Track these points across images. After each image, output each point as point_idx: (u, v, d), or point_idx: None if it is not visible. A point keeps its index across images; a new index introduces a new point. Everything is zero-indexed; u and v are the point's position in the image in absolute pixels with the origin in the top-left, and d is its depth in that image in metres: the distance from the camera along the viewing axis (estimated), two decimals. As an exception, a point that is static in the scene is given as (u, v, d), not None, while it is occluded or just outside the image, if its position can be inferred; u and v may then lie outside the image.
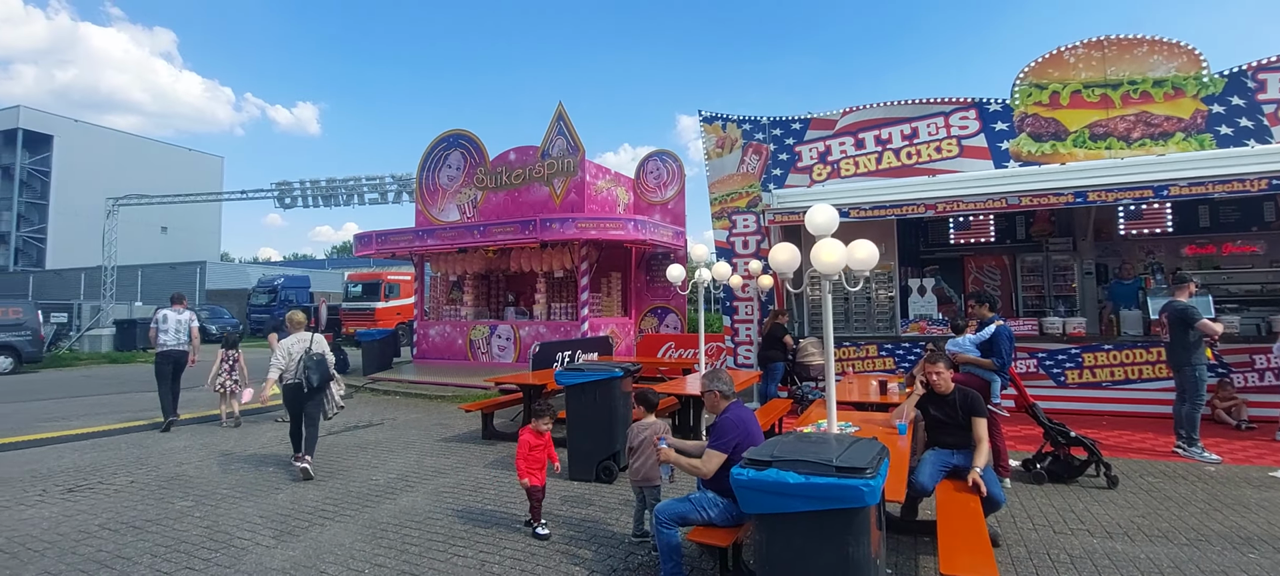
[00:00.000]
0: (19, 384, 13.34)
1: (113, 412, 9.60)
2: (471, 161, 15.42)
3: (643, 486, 4.34)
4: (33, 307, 16.28)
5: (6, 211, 40.49)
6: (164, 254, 37.02)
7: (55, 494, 5.58)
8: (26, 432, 8.02)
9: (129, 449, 7.29)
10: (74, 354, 18.62)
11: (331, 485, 5.85)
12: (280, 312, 24.63)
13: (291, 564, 4.09)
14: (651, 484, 4.30)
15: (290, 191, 25.65)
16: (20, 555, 4.23)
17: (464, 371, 12.97)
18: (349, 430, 8.38)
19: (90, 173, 39.39)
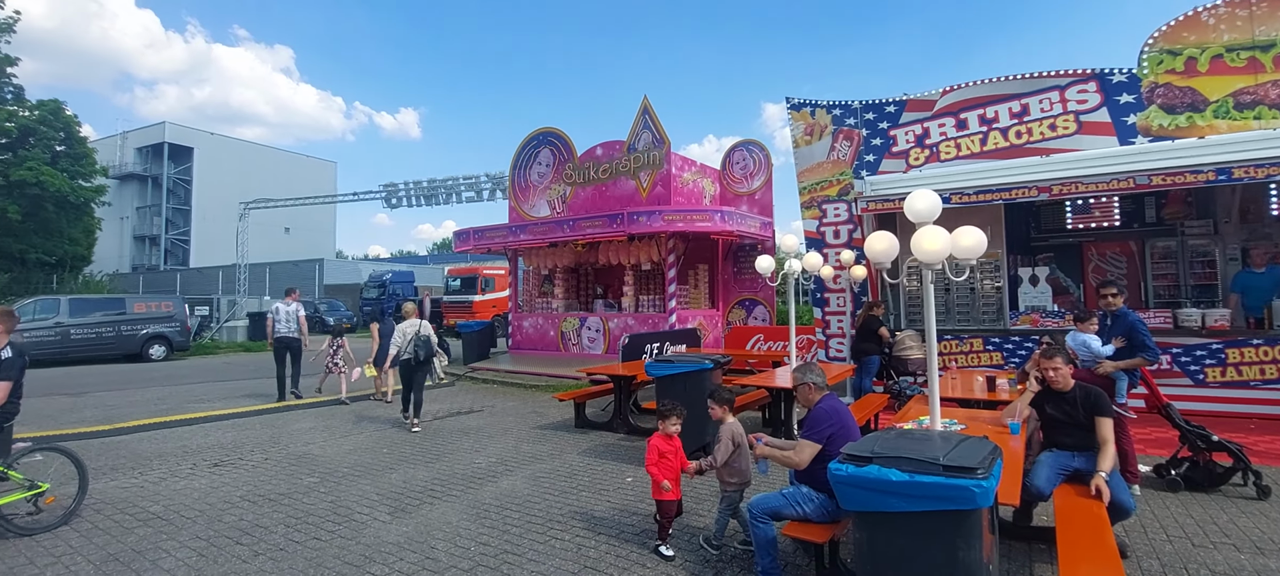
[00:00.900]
0: (171, 369, 15.06)
1: (248, 396, 10.66)
2: (560, 158, 15.82)
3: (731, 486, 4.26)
4: (180, 302, 18.33)
5: (156, 217, 45.66)
6: (287, 252, 40.48)
7: (203, 468, 6.26)
8: (178, 413, 9.04)
9: (263, 429, 8.07)
10: (215, 343, 20.79)
11: (438, 467, 6.23)
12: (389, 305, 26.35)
13: (405, 539, 4.40)
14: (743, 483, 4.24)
15: (396, 192, 27.31)
16: (175, 521, 4.79)
17: (556, 362, 13.39)
18: (452, 415, 8.87)
19: (225, 180, 43.65)
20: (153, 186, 45.82)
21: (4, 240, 24.39)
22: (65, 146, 26.54)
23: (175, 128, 46.23)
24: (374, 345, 10.30)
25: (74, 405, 9.55)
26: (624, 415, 7.69)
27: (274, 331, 9.85)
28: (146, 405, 9.71)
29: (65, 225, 26.40)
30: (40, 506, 4.69)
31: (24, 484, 4.61)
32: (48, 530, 4.57)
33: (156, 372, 14.34)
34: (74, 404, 9.67)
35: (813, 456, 3.56)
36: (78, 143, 27.22)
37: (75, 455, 5.05)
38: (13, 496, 4.54)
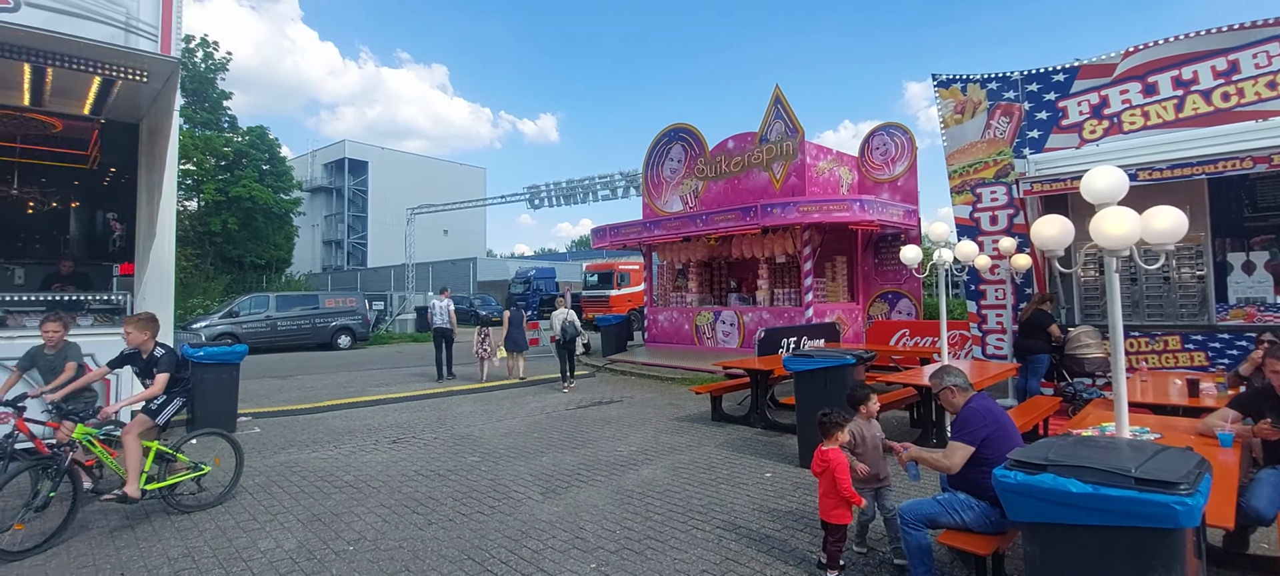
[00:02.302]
0: (354, 357, 17.15)
1: (417, 377, 11.89)
2: (692, 153, 15.91)
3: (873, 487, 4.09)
4: (361, 298, 20.83)
5: (340, 223, 52.06)
6: (446, 252, 44.40)
7: (383, 444, 7.09)
8: (362, 395, 10.28)
9: (431, 411, 8.96)
10: (388, 334, 23.36)
11: (583, 453, 6.56)
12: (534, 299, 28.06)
13: (557, 518, 4.70)
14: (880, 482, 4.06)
15: (538, 193, 28.92)
16: (363, 489, 5.47)
17: (691, 355, 13.52)
18: (594, 405, 9.28)
19: (394, 189, 48.75)
20: (336, 197, 52.31)
21: (225, 246, 29.06)
22: (269, 166, 31.05)
23: (353, 145, 52.40)
24: (503, 331, 11.86)
25: (282, 387, 11.20)
26: (761, 410, 7.61)
27: (432, 322, 12.29)
28: (337, 387, 11.15)
29: (271, 232, 30.90)
30: (202, 486, 5.08)
31: (190, 465, 4.96)
32: (206, 508, 4.93)
33: (343, 359, 16.41)
34: (282, 386, 11.34)
35: (965, 459, 3.32)
36: (279, 162, 31.75)
37: (234, 439, 5.42)
38: (180, 476, 4.88)
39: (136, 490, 4.46)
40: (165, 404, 4.76)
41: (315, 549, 4.18)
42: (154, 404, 4.70)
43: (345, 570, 3.86)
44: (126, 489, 4.44)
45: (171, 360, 4.83)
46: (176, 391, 4.87)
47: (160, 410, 4.73)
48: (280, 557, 4.05)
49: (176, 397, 4.87)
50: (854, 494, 3.61)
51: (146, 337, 4.80)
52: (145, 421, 4.64)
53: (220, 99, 29.62)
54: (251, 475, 5.81)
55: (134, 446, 4.50)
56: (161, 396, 4.73)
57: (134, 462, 4.48)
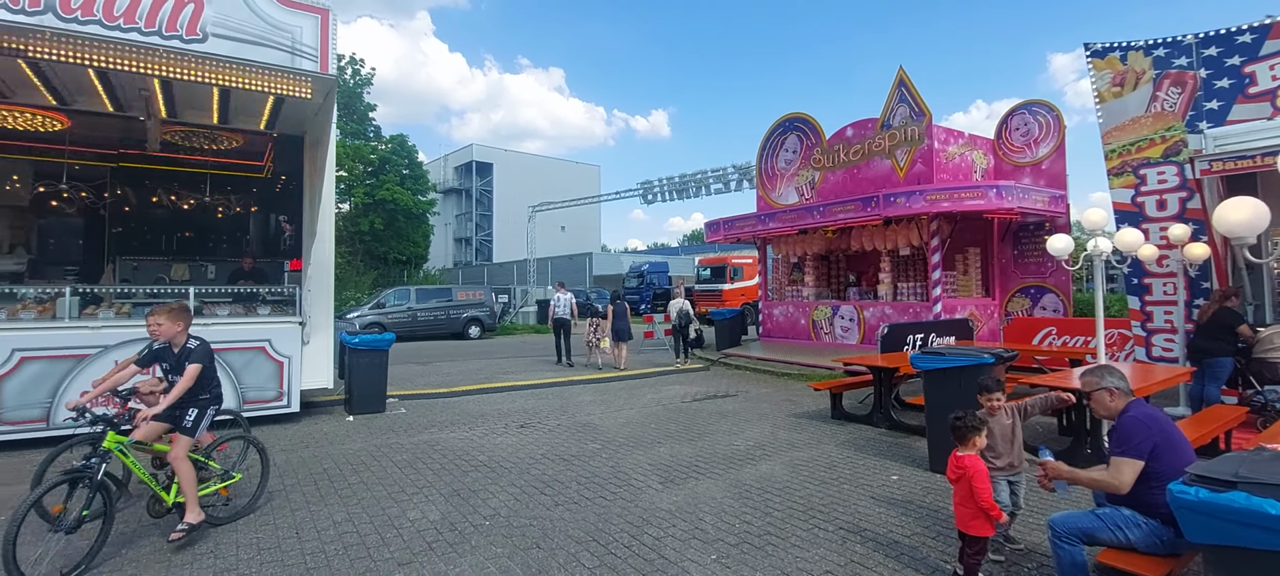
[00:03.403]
0: (483, 346, 18.32)
1: (540, 363, 12.52)
2: (808, 143, 15.42)
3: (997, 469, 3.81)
4: (489, 292, 22.22)
5: (468, 221, 55.69)
6: (564, 247, 46.23)
7: (513, 428, 7.53)
8: (492, 382, 10.97)
9: (554, 399, 9.40)
10: (513, 325, 24.73)
11: (700, 445, 6.61)
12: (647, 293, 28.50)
13: (676, 507, 4.78)
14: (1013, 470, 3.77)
15: (651, 188, 29.29)
16: (496, 470, 5.85)
17: (808, 351, 13.16)
18: (709, 398, 9.31)
19: (516, 188, 51.42)
20: (465, 197, 56.02)
21: (372, 244, 32.03)
22: (408, 170, 33.83)
23: (479, 148, 55.84)
24: (608, 321, 12.93)
25: (423, 372, 12.20)
26: (885, 409, 7.28)
27: (553, 314, 13.72)
28: (469, 374, 11.98)
29: (410, 231, 33.69)
30: (231, 494, 4.67)
31: (220, 474, 4.61)
32: (235, 518, 4.57)
33: (474, 348, 17.59)
34: (423, 371, 12.36)
35: (1135, 477, 2.99)
36: (416, 167, 34.51)
37: (259, 443, 5.02)
38: (210, 487, 4.50)
39: (197, 515, 4.15)
40: (198, 417, 4.30)
41: (456, 521, 4.55)
42: (187, 420, 4.24)
43: (483, 542, 4.17)
44: (187, 517, 4.11)
45: (205, 352, 4.34)
46: (207, 398, 4.38)
47: (195, 425, 4.27)
48: (426, 527, 4.45)
49: (210, 405, 4.42)
50: (994, 506, 3.36)
51: (179, 329, 4.34)
52: (185, 442, 4.20)
53: (366, 111, 32.64)
54: (399, 451, 6.42)
55: (188, 469, 4.15)
56: (193, 410, 4.26)
57: (190, 487, 4.13)
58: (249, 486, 4.94)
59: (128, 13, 7.21)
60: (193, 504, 4.14)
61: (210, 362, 4.40)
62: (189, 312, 4.48)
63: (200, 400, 4.32)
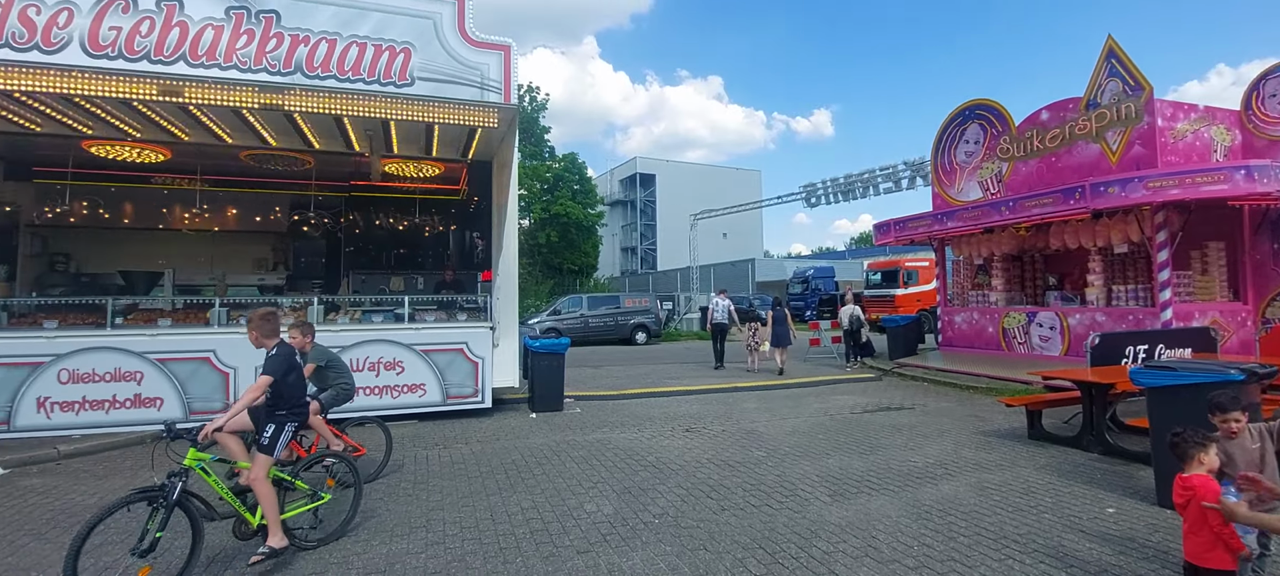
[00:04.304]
0: (649, 351, 18.95)
1: (700, 365, 12.68)
2: (993, 132, 13.96)
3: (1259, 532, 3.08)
4: (654, 299, 22.98)
5: (633, 231, 57.92)
6: (726, 254, 46.25)
7: (679, 432, 7.73)
8: (658, 386, 11.33)
9: (718, 404, 9.48)
10: (677, 331, 25.30)
11: (872, 459, 6.29)
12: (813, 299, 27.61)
13: (846, 522, 4.61)
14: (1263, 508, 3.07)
15: (815, 191, 28.36)
16: (663, 471, 6.05)
17: (996, 362, 11.90)
18: (881, 410, 8.80)
19: (678, 197, 52.50)
20: (630, 208, 58.38)
21: (548, 255, 34.58)
22: (579, 186, 36.06)
23: (643, 161, 57.90)
24: (768, 326, 13.22)
25: (595, 375, 12.94)
26: (1098, 431, 6.37)
27: (712, 318, 14.38)
28: (637, 378, 12.48)
29: (581, 242, 35.87)
30: (319, 516, 4.39)
31: (308, 494, 4.38)
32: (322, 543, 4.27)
33: (640, 353, 18.28)
34: (594, 374, 13.11)
35: None
36: (586, 182, 36.69)
37: (351, 462, 4.74)
38: (298, 507, 4.28)
39: (281, 539, 3.95)
40: (275, 434, 4.08)
41: (628, 517, 4.79)
42: (264, 437, 4.05)
43: (652, 539, 4.36)
44: (269, 541, 3.92)
45: (278, 364, 4.05)
46: (285, 414, 4.13)
47: (273, 444, 4.06)
48: (601, 520, 4.75)
49: (289, 422, 4.15)
50: (1233, 534, 2.79)
51: (262, 337, 4.18)
52: (264, 461, 4.00)
53: (542, 133, 35.39)
54: (576, 448, 6.89)
55: (267, 491, 3.95)
56: (270, 426, 4.07)
57: (271, 509, 3.95)
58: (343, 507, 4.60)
59: (355, 66, 8.58)
60: (275, 527, 3.94)
61: (285, 374, 4.10)
62: (272, 320, 4.27)
63: (277, 416, 4.09)
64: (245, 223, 11.21)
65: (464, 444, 7.13)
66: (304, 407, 4.33)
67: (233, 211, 11.01)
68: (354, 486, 4.63)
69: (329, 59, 8.48)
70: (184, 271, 11.07)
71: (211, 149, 8.85)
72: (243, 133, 7.96)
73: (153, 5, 7.79)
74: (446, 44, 9.03)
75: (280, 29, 8.25)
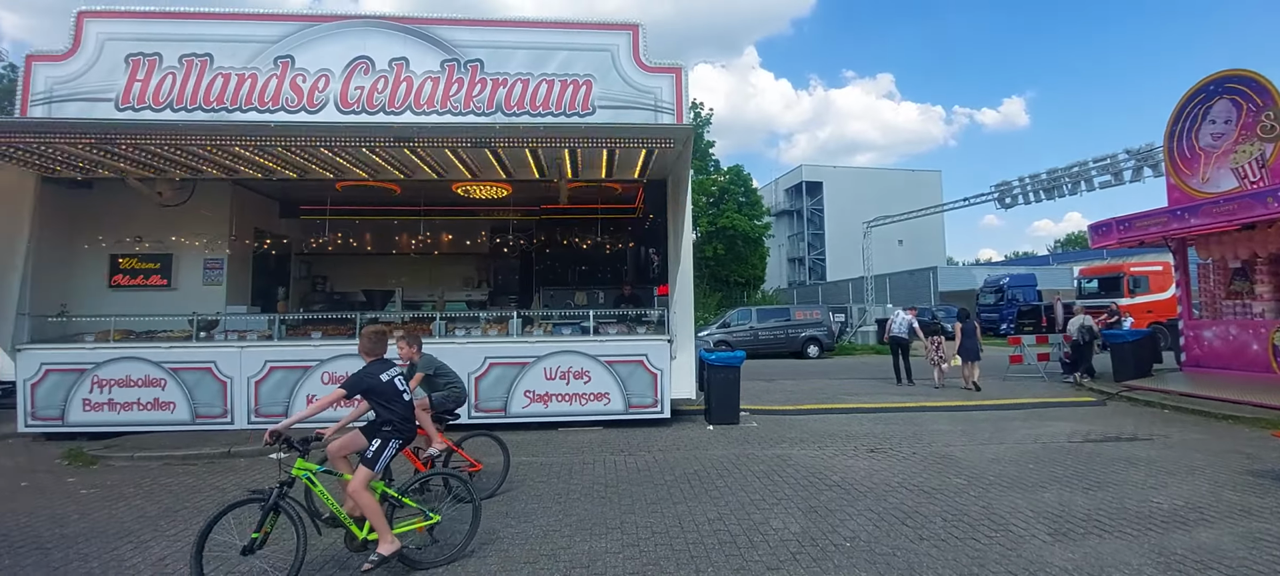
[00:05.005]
0: (822, 366, 18.28)
1: (880, 380, 11.97)
2: (1251, 108, 11.54)
3: None
4: (825, 311, 22.10)
5: (800, 242, 56.28)
6: (902, 263, 43.21)
7: (862, 452, 7.38)
8: (835, 402, 10.90)
9: (904, 425, 8.90)
10: (851, 345, 24.09)
11: (1100, 496, 5.53)
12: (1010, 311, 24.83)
13: (1073, 565, 4.11)
14: None
15: (1010, 190, 25.54)
16: (850, 492, 5.82)
17: (1264, 387, 9.79)
18: (1110, 440, 7.68)
19: (847, 204, 50.15)
20: (796, 218, 56.88)
21: (716, 268, 34.78)
22: (745, 198, 35.90)
23: (809, 168, 56.16)
24: (956, 340, 12.27)
25: (768, 388, 12.78)
26: None
27: (890, 331, 13.61)
28: (812, 393, 12.11)
29: (748, 255, 35.62)
30: (435, 536, 4.36)
31: (419, 513, 4.30)
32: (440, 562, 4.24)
33: (813, 367, 17.70)
34: (768, 387, 12.94)
35: None
36: (752, 193, 36.45)
37: (468, 482, 4.61)
38: (409, 524, 4.25)
39: (391, 546, 3.98)
40: (379, 449, 4.14)
41: (816, 538, 4.70)
42: (369, 451, 4.14)
43: (846, 563, 4.23)
44: (380, 549, 3.96)
45: (356, 380, 4.20)
46: (389, 431, 4.20)
47: (376, 458, 4.12)
48: (789, 538, 4.70)
49: (393, 439, 4.21)
50: None
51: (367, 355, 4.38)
52: (364, 474, 4.05)
53: (707, 148, 35.82)
54: (755, 462, 6.88)
55: (366, 499, 4.00)
56: (376, 441, 4.16)
57: (376, 516, 4.00)
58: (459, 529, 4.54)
59: (545, 101, 9.44)
60: (383, 532, 3.99)
61: (364, 390, 4.21)
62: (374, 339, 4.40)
63: (382, 432, 4.20)
64: (456, 246, 12.79)
65: (646, 452, 7.45)
66: (407, 426, 4.33)
67: (447, 237, 12.62)
68: (471, 502, 4.45)
69: (523, 97, 9.43)
70: (410, 289, 12.96)
71: (430, 183, 10.20)
72: (454, 167, 9.08)
73: (386, 66, 9.26)
74: (623, 72, 9.61)
75: (484, 76, 9.36)
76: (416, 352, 5.62)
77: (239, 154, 8.02)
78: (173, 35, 8.89)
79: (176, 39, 8.88)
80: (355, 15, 9.36)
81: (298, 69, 9.03)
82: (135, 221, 9.85)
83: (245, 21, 9.12)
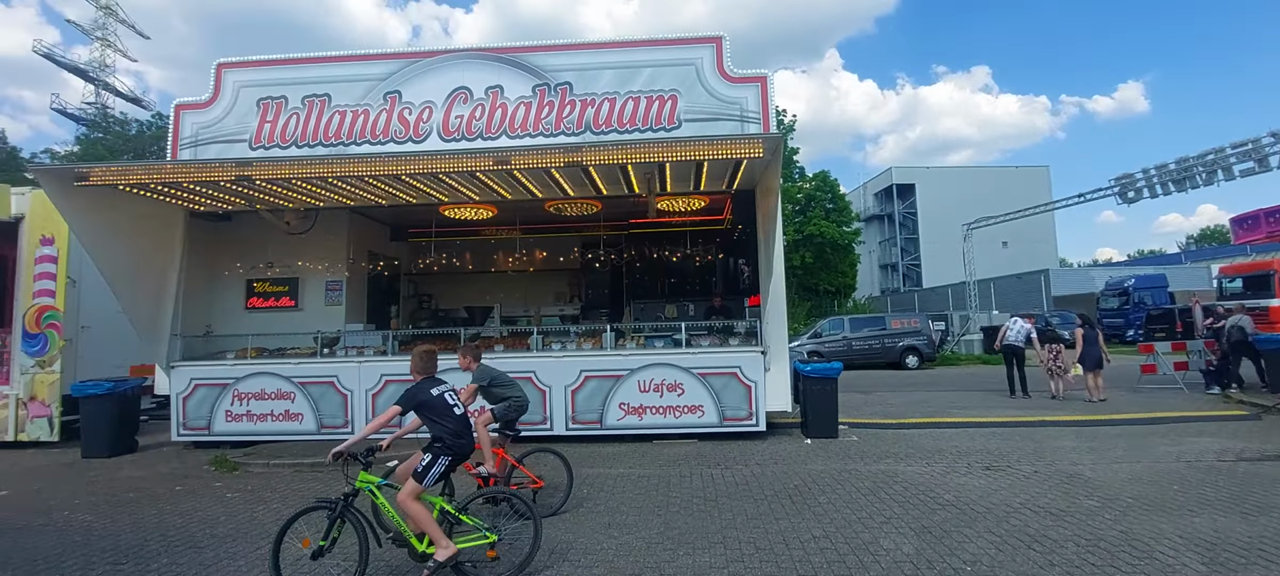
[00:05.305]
0: (923, 377, 17.37)
1: (996, 404, 11.20)
2: None
3: None
4: (924, 319, 21.01)
5: (893, 247, 53.94)
6: (1008, 266, 40.46)
7: (977, 469, 6.93)
8: (941, 416, 10.30)
9: (1022, 440, 8.29)
10: (954, 355, 22.74)
11: (1262, 523, 4.93)
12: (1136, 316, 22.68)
13: (1239, 600, 3.68)
14: None
15: (1132, 183, 23.37)
16: (966, 513, 5.47)
17: None
18: (1268, 460, 6.83)
19: (943, 206, 47.63)
20: (887, 222, 54.64)
21: (804, 277, 33.93)
22: (832, 204, 34.88)
23: (899, 170, 53.82)
24: (1078, 348, 11.29)
25: (866, 401, 12.28)
26: None
27: (1004, 339, 12.38)
28: (914, 406, 11.52)
29: (837, 262, 34.54)
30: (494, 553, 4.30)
31: (477, 531, 4.25)
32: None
33: (913, 379, 16.85)
34: (865, 400, 12.44)
35: None
36: (839, 199, 35.35)
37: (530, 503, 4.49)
38: (468, 540, 4.24)
39: (446, 551, 4.05)
40: (430, 465, 4.23)
41: (933, 560, 4.45)
42: (420, 465, 4.23)
43: (968, 587, 3.98)
44: (436, 556, 4.05)
45: (407, 396, 4.35)
46: (440, 447, 4.27)
47: (424, 472, 4.20)
48: (902, 559, 4.48)
49: (443, 455, 4.27)
50: None
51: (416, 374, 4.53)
52: (412, 487, 4.14)
53: (791, 155, 35.14)
54: (859, 478, 6.62)
55: (414, 509, 4.10)
56: (427, 456, 4.26)
57: (427, 523, 4.09)
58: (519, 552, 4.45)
59: (631, 118, 9.59)
60: (438, 539, 4.07)
61: (415, 405, 4.34)
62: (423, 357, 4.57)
63: (434, 448, 4.29)
64: (549, 263, 13.20)
65: (743, 465, 7.34)
66: (458, 442, 4.34)
67: (540, 254, 13.05)
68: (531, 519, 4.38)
69: (610, 116, 9.64)
70: (507, 305, 13.50)
71: (524, 203, 10.59)
72: (547, 186, 9.39)
73: (483, 95, 9.73)
74: (707, 84, 9.63)
75: (573, 97, 9.64)
76: (473, 363, 5.79)
77: (356, 183, 8.66)
78: (296, 79, 9.75)
79: (299, 82, 9.74)
80: (455, 49, 9.91)
81: (404, 102, 9.66)
82: (266, 249, 10.84)
83: (358, 62, 9.88)
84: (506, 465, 5.60)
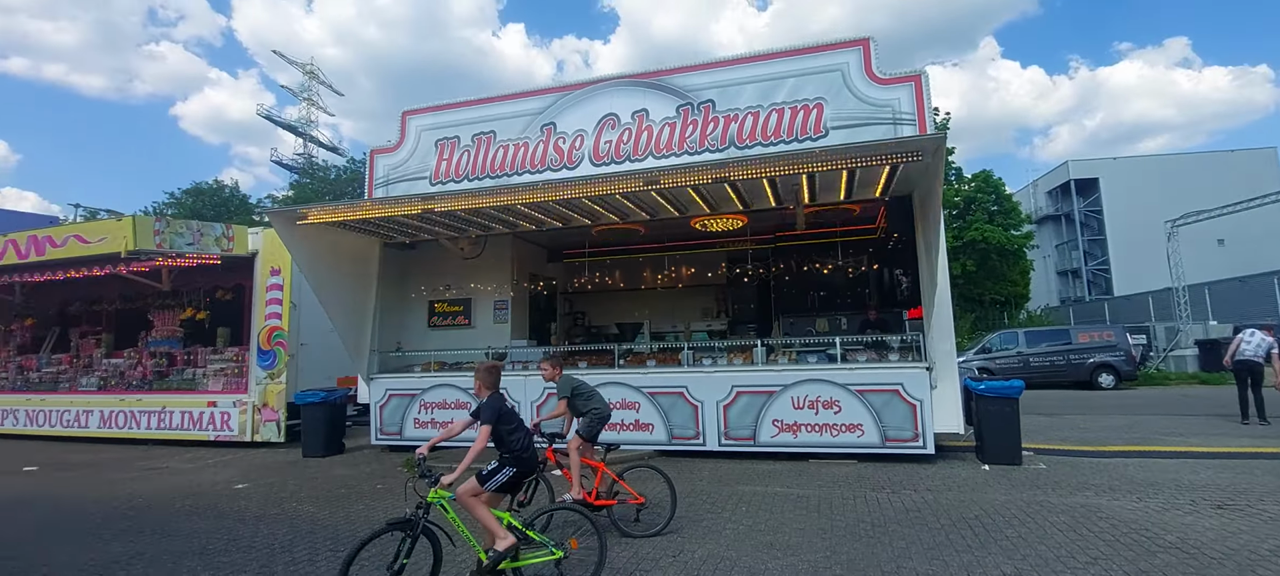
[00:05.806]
0: (1121, 398, 15.17)
1: (1223, 431, 9.50)
2: None
3: None
4: (1122, 332, 18.38)
5: (1073, 251, 47.83)
6: (1225, 268, 34.24)
7: (1205, 507, 5.91)
8: (1152, 444, 8.94)
9: (1264, 474, 6.96)
10: (1162, 373, 19.64)
11: None
12: None
13: None
14: None
15: (1407, 161, 18.91)
16: (1195, 557, 4.67)
17: None
18: None
19: (1135, 202, 41.45)
20: (1065, 223, 48.62)
21: (965, 287, 31.17)
22: (996, 206, 31.79)
23: (1077, 164, 47.69)
24: None
25: (1051, 424, 10.98)
26: None
27: (1237, 352, 10.65)
28: (1114, 431, 10.11)
29: (1005, 269, 31.35)
30: (562, 571, 4.34)
31: (544, 547, 4.23)
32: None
33: (1108, 400, 14.77)
34: (1051, 423, 11.12)
35: None
36: (1005, 200, 32.13)
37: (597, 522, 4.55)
38: (534, 558, 4.27)
39: (505, 541, 4.12)
40: (495, 471, 4.34)
41: (1158, 607, 3.86)
42: (484, 470, 4.35)
43: (1210, 644, 3.41)
44: (496, 546, 4.13)
45: (488, 410, 4.36)
46: (508, 456, 4.38)
47: (488, 477, 4.32)
48: (1117, 604, 3.94)
49: (507, 467, 4.36)
50: None
51: (480, 387, 4.59)
52: (473, 485, 4.28)
53: (946, 155, 32.65)
54: (1052, 511, 5.92)
55: (477, 508, 4.21)
56: (493, 462, 4.38)
57: (483, 515, 4.21)
58: None
59: (775, 130, 9.47)
60: (495, 529, 4.17)
61: (496, 421, 4.35)
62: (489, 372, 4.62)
63: (502, 457, 4.40)
64: (696, 279, 13.35)
65: (911, 491, 6.86)
66: (523, 455, 4.42)
67: (687, 270, 13.24)
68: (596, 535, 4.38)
69: (754, 129, 9.58)
70: (655, 321, 13.84)
71: (671, 221, 10.81)
72: (693, 203, 9.51)
73: (629, 119, 10.10)
74: (855, 89, 9.26)
75: (716, 114, 9.72)
76: (557, 373, 5.92)
77: (520, 211, 9.36)
78: (467, 120, 10.79)
79: (469, 122, 10.76)
80: (602, 78, 10.43)
81: (558, 133, 10.31)
82: (445, 273, 12.05)
83: (518, 99, 10.72)
84: (607, 479, 5.58)
